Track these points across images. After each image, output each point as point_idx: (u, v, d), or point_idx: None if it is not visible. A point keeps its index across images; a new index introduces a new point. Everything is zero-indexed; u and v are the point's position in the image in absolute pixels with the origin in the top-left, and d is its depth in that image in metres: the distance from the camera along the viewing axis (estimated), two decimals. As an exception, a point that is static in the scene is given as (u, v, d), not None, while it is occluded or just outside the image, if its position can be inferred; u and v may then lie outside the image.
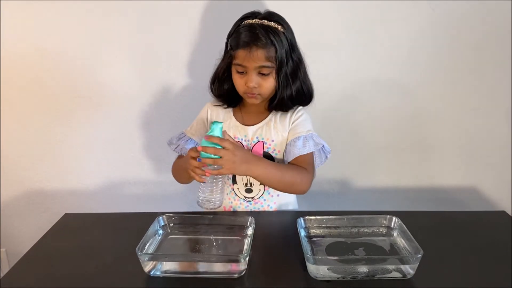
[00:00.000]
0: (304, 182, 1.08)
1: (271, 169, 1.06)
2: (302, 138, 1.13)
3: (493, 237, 1.02)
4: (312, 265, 0.86)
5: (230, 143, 0.99)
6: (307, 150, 1.11)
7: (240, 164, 1.00)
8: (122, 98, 1.55)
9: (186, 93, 1.54)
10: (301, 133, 1.14)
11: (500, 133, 1.58)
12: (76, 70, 1.51)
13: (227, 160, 0.98)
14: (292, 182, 1.08)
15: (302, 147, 1.11)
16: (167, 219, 1.04)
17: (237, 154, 0.99)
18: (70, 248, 1.02)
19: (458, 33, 1.45)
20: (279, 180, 1.07)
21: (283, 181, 1.07)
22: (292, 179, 1.07)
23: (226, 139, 1.00)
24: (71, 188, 1.68)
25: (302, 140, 1.12)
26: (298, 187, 1.08)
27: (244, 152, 1.02)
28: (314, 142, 1.13)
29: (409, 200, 1.68)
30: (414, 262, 0.85)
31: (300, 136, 1.13)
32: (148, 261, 0.88)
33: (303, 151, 1.11)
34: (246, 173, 1.04)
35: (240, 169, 1.01)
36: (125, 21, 1.45)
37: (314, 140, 1.13)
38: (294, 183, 1.08)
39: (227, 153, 0.97)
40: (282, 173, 1.07)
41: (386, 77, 1.52)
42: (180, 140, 1.21)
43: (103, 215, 1.20)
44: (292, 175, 1.07)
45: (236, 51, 1.06)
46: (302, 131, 1.14)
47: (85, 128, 1.60)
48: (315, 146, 1.12)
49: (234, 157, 0.98)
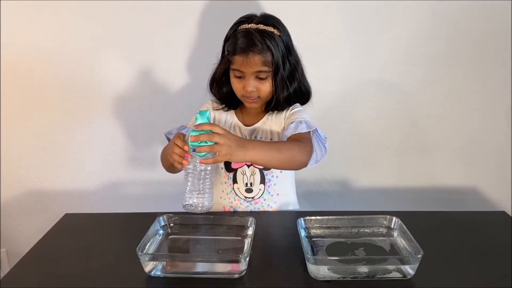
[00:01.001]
0: (302, 152, 1.03)
1: (267, 148, 0.99)
2: (295, 122, 1.10)
3: (493, 237, 1.02)
4: (313, 265, 0.86)
5: (221, 128, 0.91)
6: (299, 130, 1.08)
7: (236, 148, 0.91)
8: (122, 98, 1.56)
9: (186, 93, 1.54)
10: (295, 119, 1.12)
11: (500, 133, 1.58)
12: (76, 70, 1.52)
13: (223, 145, 0.89)
14: (291, 155, 1.02)
15: (294, 128, 1.09)
16: (167, 219, 1.04)
17: (231, 138, 0.91)
18: (70, 248, 1.02)
19: (458, 33, 1.46)
20: (278, 157, 1.00)
21: (282, 157, 1.00)
22: (290, 152, 1.01)
23: (217, 125, 0.92)
24: (72, 188, 1.68)
25: (295, 123, 1.10)
26: (298, 158, 1.03)
27: (237, 136, 0.95)
28: (307, 125, 1.09)
29: (409, 200, 1.68)
30: (414, 262, 0.85)
31: (293, 121, 1.11)
32: (148, 261, 0.88)
33: (295, 131, 1.08)
34: (244, 158, 0.95)
35: (237, 154, 0.92)
36: (124, 21, 1.45)
37: (307, 124, 1.10)
38: (294, 156, 1.02)
39: (221, 137, 0.89)
40: (279, 149, 1.01)
41: (386, 77, 1.52)
42: (179, 129, 1.19)
43: (103, 215, 1.20)
44: (289, 147, 1.02)
45: (233, 56, 1.07)
46: (295, 118, 1.12)
47: (85, 128, 1.60)
48: (308, 128, 1.09)
49: (229, 141, 0.90)
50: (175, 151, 0.95)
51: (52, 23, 1.45)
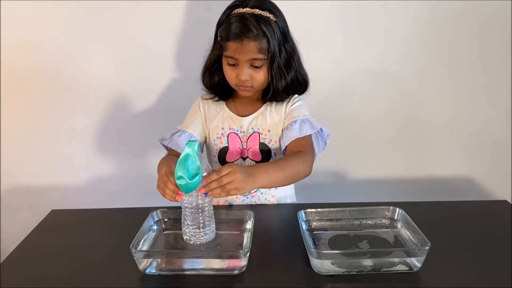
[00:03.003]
0: (306, 166, 1.02)
1: (273, 171, 0.97)
2: (299, 121, 1.09)
3: (498, 227, 1.00)
4: (316, 260, 0.82)
5: (225, 167, 0.88)
6: (304, 132, 1.07)
7: (246, 180, 0.89)
8: (109, 90, 1.49)
9: (175, 84, 1.49)
10: (298, 117, 1.10)
11: (495, 123, 1.57)
12: (59, 61, 1.45)
13: (234, 182, 0.87)
14: (296, 172, 1.01)
15: (299, 130, 1.07)
16: (161, 214, 1.00)
17: (238, 171, 0.88)
18: (58, 247, 0.96)
19: (453, 23, 1.43)
20: (284, 178, 1.00)
21: (287, 176, 1.00)
22: (295, 169, 1.01)
23: (218, 169, 0.88)
24: (58, 184, 1.61)
25: (299, 123, 1.08)
26: (302, 173, 1.02)
27: (241, 167, 0.91)
28: (311, 125, 1.08)
29: (404, 191, 1.67)
30: (421, 254, 0.82)
31: (296, 120, 1.09)
32: (143, 259, 0.84)
33: (300, 134, 1.06)
34: (254, 186, 0.93)
35: (249, 186, 0.90)
36: (109, 10, 1.38)
37: (311, 123, 1.09)
38: (299, 172, 1.01)
39: (229, 176, 0.87)
40: (284, 169, 0.99)
41: (381, 67, 1.49)
42: (174, 135, 1.13)
43: (92, 211, 1.15)
44: (293, 165, 1.01)
45: (226, 42, 1.01)
46: (298, 116, 1.10)
47: (71, 121, 1.53)
48: (312, 129, 1.08)
49: (239, 175, 0.87)
50: (167, 192, 0.89)
51: (35, 15, 1.38)
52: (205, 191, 0.86)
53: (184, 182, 0.83)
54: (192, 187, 0.84)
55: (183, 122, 1.17)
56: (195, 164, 0.83)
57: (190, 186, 0.83)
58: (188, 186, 0.83)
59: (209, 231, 0.91)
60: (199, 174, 0.84)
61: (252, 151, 1.14)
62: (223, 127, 1.14)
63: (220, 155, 1.16)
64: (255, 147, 1.14)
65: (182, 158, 0.83)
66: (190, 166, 0.83)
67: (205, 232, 0.90)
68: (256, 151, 1.14)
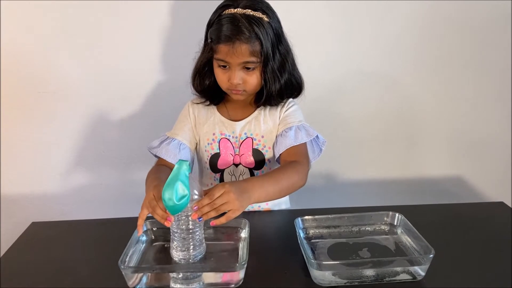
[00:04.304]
0: (301, 177, 0.98)
1: (268, 185, 0.91)
2: (294, 128, 1.05)
3: (498, 230, 0.98)
4: (317, 271, 0.78)
5: (218, 189, 0.82)
6: (300, 140, 1.03)
7: (241, 199, 0.83)
8: (91, 92, 1.43)
9: (160, 85, 1.43)
10: (293, 123, 1.06)
11: (485, 123, 1.57)
12: (38, 63, 1.38)
13: (229, 203, 0.81)
14: (291, 184, 0.95)
15: (294, 138, 1.03)
16: (150, 225, 0.95)
17: (231, 191, 0.81)
18: (40, 262, 0.91)
19: (444, 23, 1.42)
20: (279, 191, 0.94)
21: (282, 189, 0.94)
22: (290, 182, 0.95)
23: (211, 191, 0.82)
24: (38, 193, 1.54)
25: (294, 130, 1.04)
26: (297, 185, 0.97)
27: (234, 185, 0.84)
28: (306, 132, 1.04)
29: (395, 192, 1.65)
30: (425, 263, 0.79)
31: (291, 126, 1.05)
32: (132, 274, 0.78)
33: (295, 142, 1.02)
34: (250, 202, 0.86)
35: (245, 203, 0.84)
36: (90, 9, 1.32)
37: (307, 130, 1.05)
38: (294, 184, 0.96)
39: (223, 197, 0.81)
40: (279, 182, 0.93)
41: (372, 68, 1.47)
42: (162, 143, 1.07)
43: (76, 223, 1.09)
44: (288, 177, 0.95)
45: (217, 45, 0.96)
46: (293, 122, 1.06)
47: (51, 126, 1.46)
48: (308, 136, 1.04)
49: (233, 195, 0.81)
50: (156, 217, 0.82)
51: (12, 17, 1.31)
52: (199, 216, 0.80)
53: (172, 204, 0.78)
54: (179, 208, 0.79)
55: (172, 128, 1.12)
56: (184, 186, 0.78)
57: (177, 208, 0.78)
58: (175, 208, 0.78)
59: (199, 252, 0.85)
60: (187, 196, 0.78)
61: (245, 157, 1.09)
62: (214, 133, 1.09)
63: (212, 161, 1.11)
64: (248, 153, 1.09)
65: (170, 179, 0.78)
66: (178, 188, 0.78)
67: (195, 255, 0.84)
68: (249, 157, 1.09)
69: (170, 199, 0.77)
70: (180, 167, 0.79)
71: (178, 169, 0.79)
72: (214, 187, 0.83)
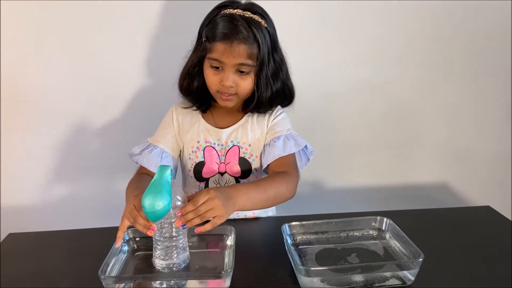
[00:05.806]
0: (289, 188, 0.96)
1: (254, 193, 0.89)
2: (283, 137, 1.03)
3: (485, 233, 0.98)
4: (305, 278, 0.76)
5: (202, 195, 0.79)
6: (288, 151, 1.00)
7: (226, 204, 0.80)
8: (72, 101, 1.39)
9: (141, 91, 1.40)
10: (281, 132, 1.04)
11: (471, 129, 1.58)
12: (18, 71, 1.34)
13: (214, 209, 0.78)
14: (278, 195, 0.93)
15: (282, 148, 1.00)
16: (132, 234, 0.92)
17: (216, 197, 0.79)
18: (18, 275, 0.87)
19: (431, 32, 1.43)
20: (265, 200, 0.91)
21: (269, 199, 0.91)
22: (277, 192, 0.93)
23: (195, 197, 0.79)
24: (15, 204, 1.48)
25: (283, 140, 1.02)
26: (285, 196, 0.95)
27: (219, 190, 0.82)
28: (295, 142, 1.03)
29: (383, 199, 1.64)
30: (414, 267, 0.78)
31: (280, 135, 1.03)
32: (113, 284, 0.75)
33: (283, 152, 1.00)
34: (234, 209, 0.84)
35: (230, 210, 0.82)
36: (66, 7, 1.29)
37: (295, 140, 1.03)
38: (281, 194, 0.94)
39: (208, 204, 0.78)
40: (266, 191, 0.91)
41: (359, 75, 1.47)
42: (144, 150, 1.04)
43: (55, 233, 1.05)
44: (275, 187, 0.93)
45: (213, 43, 0.93)
46: (281, 130, 1.04)
47: (31, 135, 1.42)
48: (297, 146, 1.02)
49: (218, 201, 0.79)
50: (137, 226, 0.80)
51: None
52: (182, 223, 0.78)
53: (152, 210, 0.75)
54: (160, 215, 0.76)
55: (154, 135, 1.09)
56: (165, 191, 0.76)
57: (158, 215, 0.75)
58: (155, 214, 0.75)
59: (182, 261, 0.83)
60: (169, 202, 0.76)
61: (231, 166, 1.07)
62: (199, 140, 1.06)
63: (196, 170, 1.08)
64: (235, 161, 1.06)
65: (151, 185, 0.76)
66: (159, 194, 0.75)
67: (179, 264, 0.82)
68: (235, 166, 1.07)
69: (150, 205, 0.74)
70: (162, 173, 0.77)
71: (160, 174, 0.77)
72: (198, 193, 0.81)
